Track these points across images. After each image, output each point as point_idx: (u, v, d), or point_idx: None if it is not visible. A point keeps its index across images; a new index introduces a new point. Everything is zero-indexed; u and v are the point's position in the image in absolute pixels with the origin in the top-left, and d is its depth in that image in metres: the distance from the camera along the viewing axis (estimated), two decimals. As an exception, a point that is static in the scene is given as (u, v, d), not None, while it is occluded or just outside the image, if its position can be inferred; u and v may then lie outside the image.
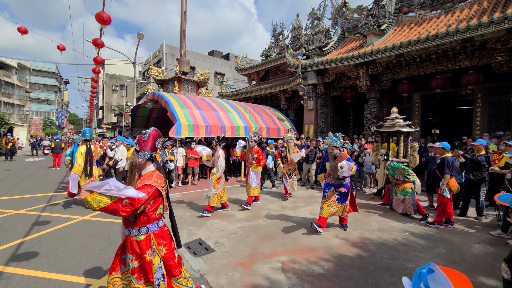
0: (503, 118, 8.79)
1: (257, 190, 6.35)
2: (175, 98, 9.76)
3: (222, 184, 5.83)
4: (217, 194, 5.70)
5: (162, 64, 25.25)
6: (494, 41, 7.52)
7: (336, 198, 4.64)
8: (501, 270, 1.51)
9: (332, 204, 4.61)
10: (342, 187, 4.64)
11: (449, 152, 5.36)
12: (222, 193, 5.81)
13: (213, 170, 5.74)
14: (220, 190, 5.76)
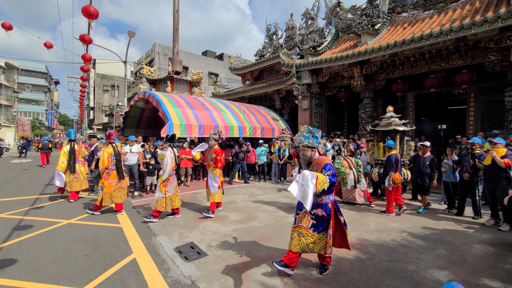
0: (496, 118, 8.84)
1: (217, 195, 5.60)
2: (167, 97, 9.52)
3: (173, 187, 5.27)
4: (166, 198, 5.15)
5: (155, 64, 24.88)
6: (487, 40, 7.54)
7: (310, 224, 3.09)
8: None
9: (305, 233, 3.08)
10: (319, 208, 3.08)
11: (394, 150, 5.96)
12: (173, 197, 5.27)
13: (160, 172, 5.35)
14: (171, 194, 5.22)
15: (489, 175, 5.06)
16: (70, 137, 6.91)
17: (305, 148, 3.20)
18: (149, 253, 3.73)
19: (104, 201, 5.49)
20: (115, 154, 5.65)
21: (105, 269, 3.27)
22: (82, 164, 7.13)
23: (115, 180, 5.60)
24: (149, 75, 14.81)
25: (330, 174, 2.94)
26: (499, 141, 5.03)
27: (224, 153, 5.87)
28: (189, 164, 9.03)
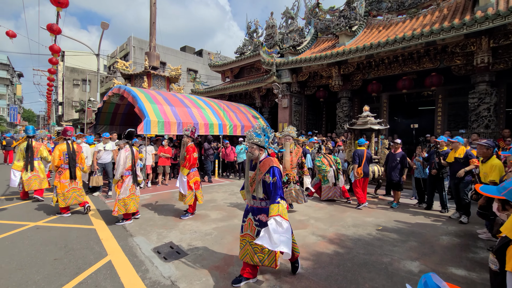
0: (460, 118, 9.50)
1: (189, 198, 5.18)
2: (143, 93, 9.17)
3: (128, 189, 4.81)
4: (118, 201, 4.72)
5: (130, 58, 23.87)
6: (454, 45, 8.07)
7: (256, 232, 2.81)
8: (489, 262, 1.48)
9: (251, 241, 2.83)
10: (262, 213, 2.81)
11: (362, 147, 6.42)
12: (127, 200, 4.78)
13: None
14: (124, 196, 4.76)
15: (453, 172, 5.41)
16: (28, 133, 6.46)
17: (253, 146, 2.83)
18: (126, 255, 3.58)
19: (59, 202, 5.14)
20: (69, 152, 5.23)
21: (77, 273, 3.09)
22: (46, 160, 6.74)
23: (67, 180, 5.22)
24: (124, 70, 14.17)
25: (275, 181, 2.69)
26: (456, 139, 5.37)
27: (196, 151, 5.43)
28: (167, 163, 8.78)
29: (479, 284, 2.93)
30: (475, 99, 7.87)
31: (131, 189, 4.87)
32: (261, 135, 2.86)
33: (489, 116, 7.64)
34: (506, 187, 1.46)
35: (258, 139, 2.84)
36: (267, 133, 2.92)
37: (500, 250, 1.37)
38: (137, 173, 5.02)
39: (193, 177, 5.29)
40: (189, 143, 5.26)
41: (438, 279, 0.94)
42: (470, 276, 3.10)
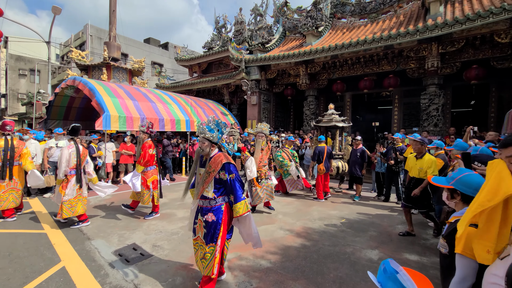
0: (414, 117, 10.38)
1: (147, 197, 4.92)
2: (102, 86, 8.53)
3: (75, 189, 4.43)
4: (63, 203, 4.34)
5: (87, 48, 22.01)
6: (409, 50, 8.74)
7: (203, 234, 2.57)
8: (439, 246, 1.62)
9: (202, 245, 2.58)
10: (210, 213, 2.56)
11: (322, 143, 6.74)
12: (74, 201, 4.42)
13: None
14: (71, 198, 4.38)
15: None
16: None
17: (205, 142, 2.59)
18: (82, 260, 3.30)
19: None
20: (5, 149, 4.65)
21: (24, 282, 2.77)
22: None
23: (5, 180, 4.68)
24: (80, 60, 13.06)
25: (234, 177, 2.53)
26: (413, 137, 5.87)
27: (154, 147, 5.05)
28: (130, 160, 8.29)
29: (429, 267, 3.23)
30: (426, 100, 8.64)
31: (78, 189, 4.49)
32: (214, 130, 2.61)
33: (437, 115, 8.45)
34: (454, 177, 1.61)
35: (211, 135, 2.59)
36: (221, 129, 2.66)
37: (450, 235, 1.50)
38: (87, 170, 4.63)
39: (151, 176, 5.01)
40: (145, 139, 4.99)
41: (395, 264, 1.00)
42: (422, 261, 3.40)
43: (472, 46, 8.06)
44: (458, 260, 1.41)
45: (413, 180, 4.24)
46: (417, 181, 4.15)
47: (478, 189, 1.47)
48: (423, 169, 4.10)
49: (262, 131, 5.41)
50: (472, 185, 1.53)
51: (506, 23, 6.96)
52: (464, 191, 1.56)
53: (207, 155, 2.65)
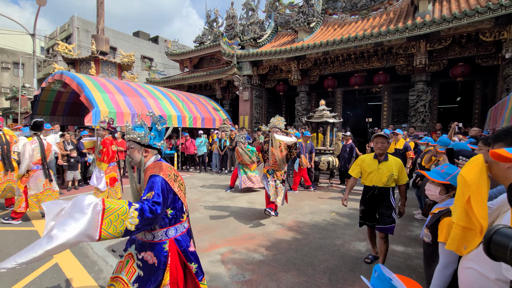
0: (402, 113, 10.63)
1: (102, 194, 4.67)
2: (91, 81, 8.37)
3: (41, 184, 4.38)
4: (30, 197, 4.31)
5: (73, 41, 21.39)
6: (398, 47, 8.91)
7: (134, 278, 1.72)
8: (423, 236, 1.73)
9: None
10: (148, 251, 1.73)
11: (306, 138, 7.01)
12: (42, 195, 4.42)
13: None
14: (36, 192, 4.36)
15: None
16: None
17: (132, 145, 1.78)
18: (75, 256, 3.30)
19: None
20: (1, 143, 4.66)
21: (17, 279, 2.77)
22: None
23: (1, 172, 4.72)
24: (67, 54, 12.70)
25: (151, 199, 1.54)
26: (399, 132, 6.05)
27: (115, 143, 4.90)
28: (121, 157, 8.19)
29: (413, 257, 3.38)
30: (414, 96, 8.86)
31: (45, 184, 4.49)
32: (144, 128, 1.79)
33: (425, 111, 8.69)
34: (449, 173, 1.70)
35: (138, 134, 1.75)
36: (157, 125, 1.83)
37: (433, 225, 1.62)
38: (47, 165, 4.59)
39: (109, 172, 4.85)
40: (105, 135, 4.81)
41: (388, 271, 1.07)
42: (407, 251, 3.56)
43: (458, 44, 8.28)
44: (442, 248, 1.52)
45: (375, 191, 3.02)
46: (381, 192, 3.02)
47: None
48: (393, 175, 2.97)
49: (276, 126, 4.68)
50: None
51: (491, 22, 7.19)
52: None
53: (139, 163, 1.80)
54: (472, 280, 1.07)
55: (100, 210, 1.37)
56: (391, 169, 2.98)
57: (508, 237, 0.57)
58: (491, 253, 0.60)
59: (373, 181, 3.03)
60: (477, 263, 1.09)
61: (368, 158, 3.16)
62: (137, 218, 1.45)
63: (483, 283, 1.00)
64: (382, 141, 3.05)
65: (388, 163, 3.02)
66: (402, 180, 3.00)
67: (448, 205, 1.64)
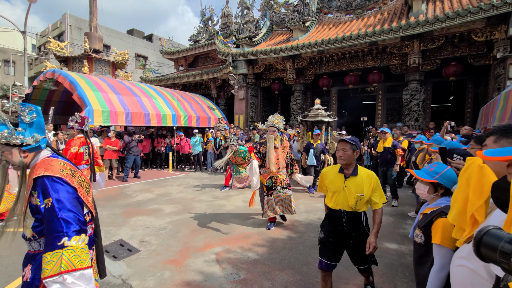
0: (396, 112, 10.73)
1: None
2: (84, 79, 8.26)
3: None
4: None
5: (66, 38, 21.06)
6: (392, 46, 8.98)
7: None
8: (414, 236, 1.74)
9: None
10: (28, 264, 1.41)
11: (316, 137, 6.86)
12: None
13: None
14: None
15: (382, 160, 5.99)
16: None
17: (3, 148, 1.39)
18: (68, 257, 3.25)
19: None
20: None
21: (7, 281, 2.72)
22: None
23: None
24: (59, 52, 12.53)
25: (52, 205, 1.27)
26: (387, 130, 6.01)
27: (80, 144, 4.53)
28: (115, 156, 8.12)
29: (407, 254, 3.42)
30: (407, 95, 8.94)
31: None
32: (6, 125, 1.37)
33: (418, 110, 8.78)
34: (438, 172, 1.71)
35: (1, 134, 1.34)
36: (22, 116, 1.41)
37: (426, 226, 1.62)
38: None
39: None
40: (75, 135, 4.54)
41: None
42: (400, 249, 3.60)
43: (451, 44, 8.37)
44: (437, 250, 1.52)
45: (343, 216, 2.20)
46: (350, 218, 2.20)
47: (455, 183, 1.60)
48: (364, 196, 2.13)
49: (274, 125, 4.20)
50: (453, 179, 1.66)
51: (483, 22, 7.29)
52: (447, 185, 1.68)
53: (21, 167, 1.42)
54: (463, 277, 1.08)
55: None
56: (361, 188, 2.11)
57: (497, 238, 0.58)
58: (481, 254, 0.61)
59: (339, 204, 2.18)
60: (468, 261, 1.10)
61: (332, 172, 2.28)
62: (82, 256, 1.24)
63: (474, 280, 1.02)
64: (344, 148, 2.14)
65: (357, 179, 2.14)
66: (378, 203, 2.14)
67: (439, 205, 1.64)
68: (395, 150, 5.67)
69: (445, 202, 1.62)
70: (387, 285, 2.77)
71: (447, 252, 1.47)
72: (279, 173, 4.28)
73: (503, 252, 0.56)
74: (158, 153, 10.58)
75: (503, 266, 0.56)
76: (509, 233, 0.58)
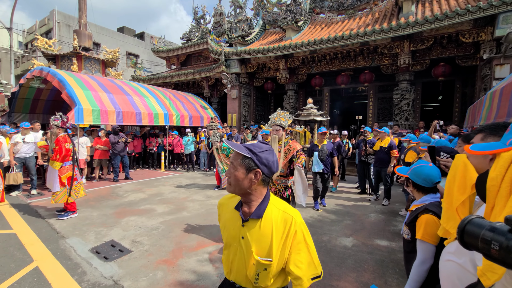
0: (387, 111, 10.89)
1: (61, 195, 4.56)
2: (73, 77, 8.09)
3: None
4: None
5: (54, 36, 20.57)
6: (383, 47, 9.10)
7: None
8: (402, 232, 1.78)
9: None
10: None
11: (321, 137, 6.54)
12: None
13: None
14: None
15: (377, 159, 6.06)
16: None
17: None
18: (57, 259, 3.19)
19: None
20: None
21: None
22: None
23: None
24: (47, 49, 12.21)
25: None
26: (383, 130, 6.08)
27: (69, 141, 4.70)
28: (105, 156, 7.99)
29: (397, 251, 3.48)
30: (398, 95, 9.09)
31: None
32: None
33: (408, 110, 8.94)
34: (410, 167, 1.79)
35: None
36: None
37: (411, 223, 1.67)
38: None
39: (65, 172, 4.66)
40: (60, 134, 4.70)
41: None
42: (391, 245, 3.66)
43: (440, 44, 8.55)
44: (419, 245, 1.58)
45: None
46: None
47: (426, 179, 1.65)
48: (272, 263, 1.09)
49: (277, 123, 3.49)
50: (421, 175, 1.71)
51: (470, 24, 7.47)
52: (415, 180, 1.74)
53: None
54: (451, 272, 1.12)
55: None
56: (267, 245, 1.10)
57: (479, 226, 0.61)
58: (464, 241, 0.64)
59: (233, 271, 1.20)
60: (457, 256, 1.13)
61: (228, 207, 1.29)
62: None
63: (461, 274, 1.05)
64: (233, 163, 1.13)
65: (262, 227, 1.12)
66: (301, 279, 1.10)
67: (424, 202, 1.68)
68: (391, 151, 5.72)
69: (430, 199, 1.68)
70: (378, 281, 2.82)
71: (428, 247, 1.52)
72: (277, 182, 3.54)
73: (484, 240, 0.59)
74: (150, 153, 10.47)
75: (484, 253, 0.60)
76: (490, 222, 0.61)
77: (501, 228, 0.58)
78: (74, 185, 4.75)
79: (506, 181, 0.73)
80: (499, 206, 0.74)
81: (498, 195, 0.75)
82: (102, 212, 4.99)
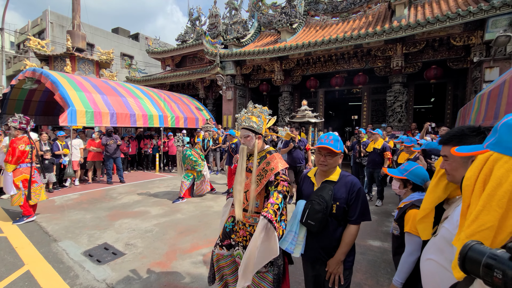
0: (380, 113, 11.01)
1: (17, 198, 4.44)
2: (66, 79, 8.02)
3: None
4: None
5: (47, 36, 20.34)
6: (376, 49, 9.22)
7: None
8: (392, 228, 1.83)
9: None
10: None
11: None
12: None
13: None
14: None
15: (370, 161, 6.11)
16: None
17: None
18: (49, 262, 3.16)
19: None
20: None
21: None
22: None
23: None
24: (40, 50, 12.07)
25: None
26: (376, 132, 6.15)
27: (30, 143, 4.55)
28: (99, 158, 7.92)
29: (389, 251, 3.51)
30: (391, 97, 9.21)
31: None
32: None
33: (401, 111, 9.06)
34: (407, 169, 1.85)
35: None
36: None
37: (400, 218, 1.72)
38: None
39: (19, 174, 4.49)
40: (18, 135, 4.54)
41: None
42: (383, 246, 3.71)
43: (431, 47, 8.69)
44: (407, 237, 1.64)
45: None
46: None
47: (424, 180, 1.74)
48: None
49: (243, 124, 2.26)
50: (421, 176, 1.83)
51: (461, 28, 7.61)
52: (415, 181, 1.83)
53: None
54: (432, 272, 1.13)
55: None
56: None
57: (480, 254, 0.61)
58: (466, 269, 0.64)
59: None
60: (434, 254, 1.14)
61: None
62: None
63: (442, 274, 1.06)
64: None
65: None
66: None
67: (411, 199, 1.77)
68: (384, 153, 5.77)
69: (417, 196, 1.77)
70: (370, 281, 2.85)
71: (415, 239, 1.58)
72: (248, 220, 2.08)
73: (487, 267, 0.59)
74: (145, 154, 10.41)
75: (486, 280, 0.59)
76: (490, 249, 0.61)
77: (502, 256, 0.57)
78: (34, 188, 4.58)
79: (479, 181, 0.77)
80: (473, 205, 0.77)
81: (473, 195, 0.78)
82: (95, 214, 4.95)
